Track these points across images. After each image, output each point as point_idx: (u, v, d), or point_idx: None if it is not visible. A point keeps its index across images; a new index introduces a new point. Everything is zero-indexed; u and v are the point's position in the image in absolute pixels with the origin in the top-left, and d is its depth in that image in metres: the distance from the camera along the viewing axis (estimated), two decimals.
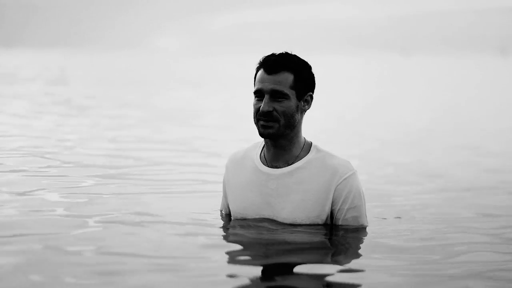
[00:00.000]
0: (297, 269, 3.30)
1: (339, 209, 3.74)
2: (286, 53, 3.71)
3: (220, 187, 4.12)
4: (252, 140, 4.07)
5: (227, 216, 4.02)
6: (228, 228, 3.89)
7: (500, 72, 44.52)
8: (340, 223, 3.76)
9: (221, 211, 4.12)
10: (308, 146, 3.78)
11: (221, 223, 3.99)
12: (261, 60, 3.70)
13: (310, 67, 3.73)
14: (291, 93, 3.66)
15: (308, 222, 3.73)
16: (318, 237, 3.70)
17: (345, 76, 34.67)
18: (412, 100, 18.60)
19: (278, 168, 3.75)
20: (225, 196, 4.00)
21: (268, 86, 3.64)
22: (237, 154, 3.91)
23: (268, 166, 3.77)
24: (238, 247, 3.65)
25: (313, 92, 3.75)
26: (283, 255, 3.52)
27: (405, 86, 26.41)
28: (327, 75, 32.38)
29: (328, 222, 3.76)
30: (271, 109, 3.64)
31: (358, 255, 3.60)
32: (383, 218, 4.55)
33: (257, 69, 3.71)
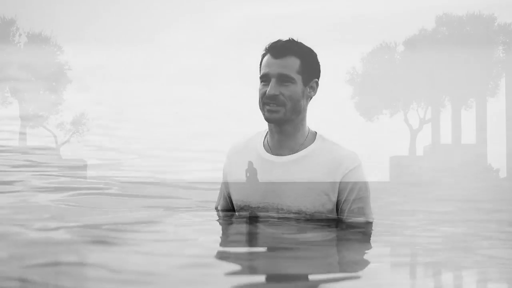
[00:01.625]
0: (302, 265, 3.22)
1: (345, 200, 3.70)
2: (292, 39, 3.71)
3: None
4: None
5: (223, 212, 3.94)
6: (230, 223, 3.83)
7: None
8: (345, 214, 3.72)
9: (216, 208, 4.04)
10: (312, 135, 3.75)
11: (222, 217, 3.92)
12: (267, 46, 3.70)
13: (316, 54, 3.72)
14: (298, 78, 3.64)
15: (313, 211, 3.68)
16: (323, 232, 3.63)
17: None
18: None
19: (282, 155, 3.71)
20: (225, 186, 3.93)
21: (275, 70, 3.62)
22: (239, 143, 3.86)
23: (272, 154, 3.73)
24: (240, 242, 3.56)
25: (318, 79, 3.72)
26: (287, 250, 3.43)
27: None
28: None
29: (334, 212, 3.72)
30: (277, 92, 3.61)
31: (365, 251, 3.51)
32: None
33: (263, 56, 3.70)
